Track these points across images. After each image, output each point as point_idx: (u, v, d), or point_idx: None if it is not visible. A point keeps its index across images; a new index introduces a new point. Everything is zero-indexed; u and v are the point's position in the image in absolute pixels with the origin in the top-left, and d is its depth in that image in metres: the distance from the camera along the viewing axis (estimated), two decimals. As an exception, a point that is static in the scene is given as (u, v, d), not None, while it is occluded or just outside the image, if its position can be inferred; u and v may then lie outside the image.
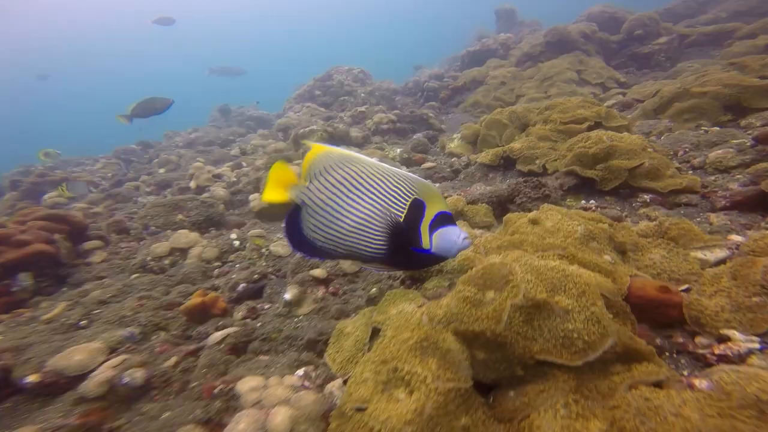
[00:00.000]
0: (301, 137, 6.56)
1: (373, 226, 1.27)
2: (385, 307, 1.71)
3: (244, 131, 10.73)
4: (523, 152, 3.13)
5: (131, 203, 5.71)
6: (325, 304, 2.41)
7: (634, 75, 6.77)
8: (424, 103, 8.92)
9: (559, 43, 7.66)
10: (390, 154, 4.93)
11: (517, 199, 2.54)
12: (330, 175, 1.30)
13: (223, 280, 2.99)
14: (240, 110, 13.00)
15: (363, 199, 1.27)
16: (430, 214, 1.28)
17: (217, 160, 7.53)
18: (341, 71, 11.19)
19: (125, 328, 2.34)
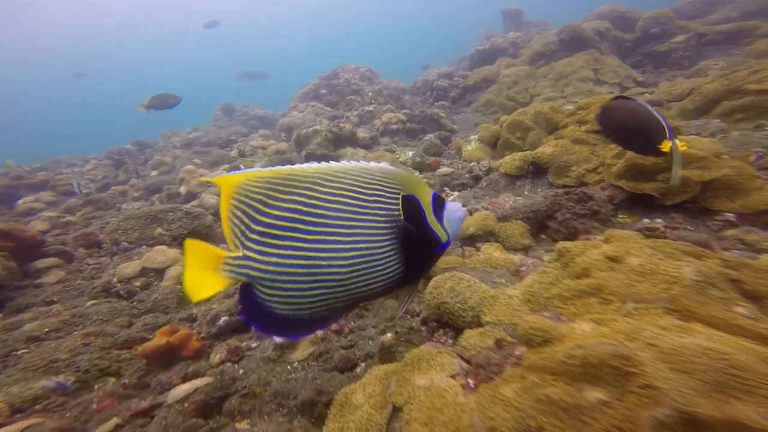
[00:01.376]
0: (304, 138, 6.07)
1: (376, 249, 0.95)
2: (408, 374, 1.19)
3: (247, 131, 10.23)
4: (555, 158, 2.62)
5: (114, 210, 5.22)
6: (326, 347, 1.89)
7: (652, 74, 6.29)
8: (434, 102, 8.48)
9: (574, 41, 7.20)
10: (401, 157, 4.43)
11: (558, 215, 2.03)
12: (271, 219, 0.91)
13: (204, 309, 2.48)
14: (244, 109, 12.53)
15: (343, 225, 0.93)
16: (428, 204, 1.04)
17: (215, 162, 7.03)
18: (348, 70, 10.76)
19: (52, 377, 1.82)
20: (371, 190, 0.97)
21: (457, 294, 1.49)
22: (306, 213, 0.91)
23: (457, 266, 1.80)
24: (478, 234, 2.13)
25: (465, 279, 1.55)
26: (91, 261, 3.22)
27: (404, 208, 1.00)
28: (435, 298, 1.56)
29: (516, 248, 1.98)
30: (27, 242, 2.84)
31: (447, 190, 3.54)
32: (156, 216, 3.47)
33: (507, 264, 1.77)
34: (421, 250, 1.03)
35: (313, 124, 6.59)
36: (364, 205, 0.95)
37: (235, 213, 0.91)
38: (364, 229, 0.94)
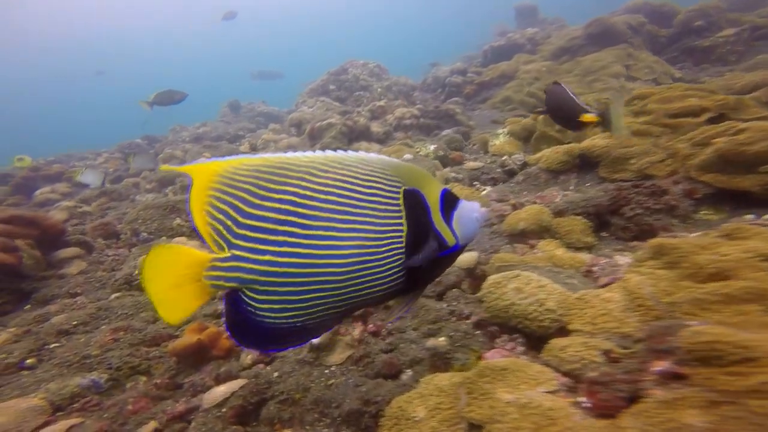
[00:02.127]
0: (318, 131, 5.94)
1: (374, 249, 0.84)
2: (486, 385, 1.05)
3: (254, 126, 10.29)
4: (609, 151, 2.45)
5: (128, 201, 5.13)
6: (365, 350, 1.75)
7: (691, 71, 6.04)
8: (446, 99, 8.31)
9: (603, 35, 6.96)
10: (422, 150, 4.27)
11: (627, 211, 1.87)
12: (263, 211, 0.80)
13: None
14: (250, 106, 12.66)
15: (340, 220, 0.82)
16: (434, 201, 0.92)
17: (224, 156, 6.95)
18: (356, 65, 10.70)
19: (87, 375, 1.70)
20: (369, 183, 0.85)
21: (527, 295, 1.34)
22: (300, 205, 0.80)
23: (515, 264, 1.64)
24: (531, 229, 1.98)
25: (534, 279, 1.41)
26: (110, 252, 3.11)
27: (406, 205, 0.88)
28: (498, 300, 1.41)
29: (577, 247, 1.83)
30: (50, 231, 2.73)
31: (478, 185, 3.38)
32: (174, 206, 3.35)
33: (574, 263, 1.62)
34: (425, 254, 0.89)
35: (326, 118, 6.46)
36: (361, 198, 0.84)
37: (217, 206, 0.79)
38: (362, 225, 0.83)
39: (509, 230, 2.07)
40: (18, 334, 2.02)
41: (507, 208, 2.44)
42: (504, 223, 2.15)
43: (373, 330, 1.85)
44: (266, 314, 0.81)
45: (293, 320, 0.83)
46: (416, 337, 1.74)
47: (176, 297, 0.79)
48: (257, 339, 0.84)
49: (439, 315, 1.80)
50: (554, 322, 1.23)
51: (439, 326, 1.72)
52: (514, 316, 1.34)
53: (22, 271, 2.46)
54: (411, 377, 1.52)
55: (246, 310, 0.82)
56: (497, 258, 1.74)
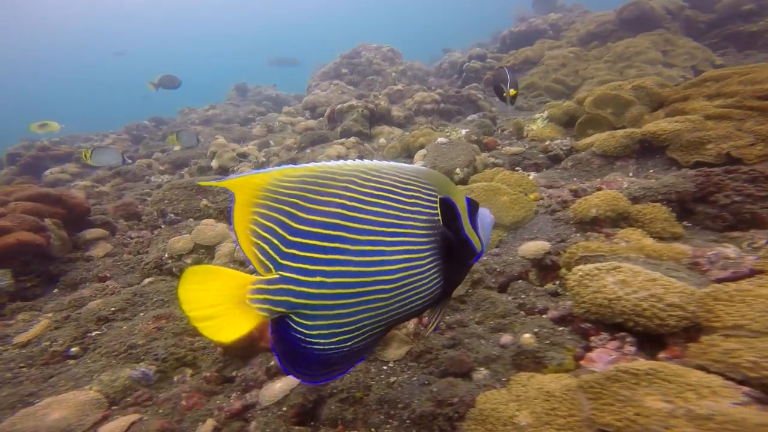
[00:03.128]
0: (338, 114, 5.73)
1: (419, 260, 0.81)
2: (625, 392, 0.90)
3: (264, 110, 10.13)
4: (681, 135, 2.26)
5: (143, 182, 4.97)
6: (426, 345, 1.61)
7: (734, 57, 5.75)
8: (463, 85, 8.05)
9: (638, 20, 6.65)
10: (453, 135, 4.07)
11: (720, 198, 1.69)
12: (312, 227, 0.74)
13: None
14: (257, 89, 12.51)
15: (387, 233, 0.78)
16: (463, 208, 0.92)
17: (238, 139, 6.80)
18: (370, 49, 10.45)
19: (136, 366, 1.58)
20: (409, 191, 0.82)
21: (637, 289, 1.19)
22: (349, 218, 0.75)
23: (603, 254, 1.49)
24: (606, 217, 1.82)
25: (641, 271, 1.25)
26: (133, 234, 2.97)
27: (442, 213, 0.86)
28: (596, 294, 1.26)
29: (663, 237, 1.66)
30: (76, 210, 2.58)
31: (519, 170, 3.20)
32: (201, 187, 3.19)
33: (673, 254, 1.46)
34: (459, 261, 0.90)
35: (345, 101, 6.26)
36: (404, 208, 0.81)
37: (263, 223, 0.72)
38: (406, 237, 0.80)
39: (578, 217, 1.91)
40: (58, 320, 1.89)
41: (564, 194, 2.27)
42: (570, 209, 1.99)
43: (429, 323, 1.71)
44: (316, 341, 0.76)
45: (342, 345, 0.77)
46: (483, 331, 1.60)
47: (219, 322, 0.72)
48: (310, 369, 0.78)
49: (507, 309, 1.65)
50: (681, 320, 1.08)
51: (509, 321, 1.58)
52: (620, 313, 1.19)
53: (50, 252, 2.32)
54: (487, 377, 1.38)
55: (295, 338, 0.75)
56: (580, 247, 1.58)
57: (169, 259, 2.50)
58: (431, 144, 3.68)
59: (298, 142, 5.37)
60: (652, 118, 2.76)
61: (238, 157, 4.94)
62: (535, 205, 2.23)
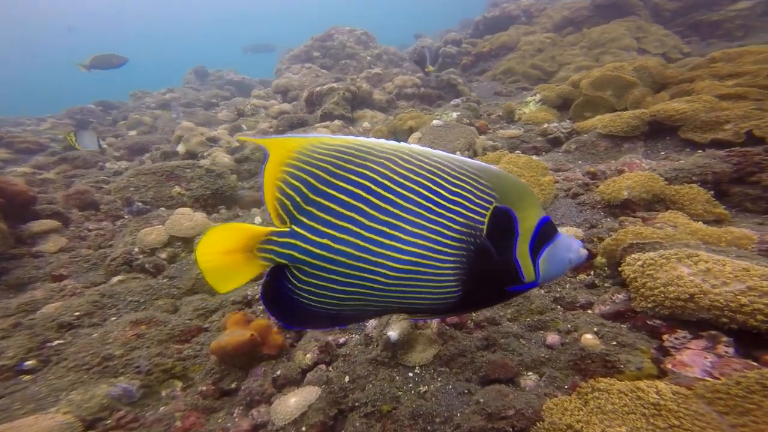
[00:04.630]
0: (318, 97, 5.35)
1: (435, 261, 0.76)
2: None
3: (229, 95, 9.50)
4: (696, 114, 2.21)
5: (96, 169, 4.36)
6: (456, 348, 1.43)
7: (698, 45, 5.98)
8: (439, 70, 7.93)
9: (612, 6, 6.76)
10: (444, 117, 3.89)
11: (764, 179, 1.63)
12: (335, 192, 0.75)
13: (257, 290, 1.94)
14: (219, 73, 11.77)
15: (410, 221, 0.75)
16: (527, 228, 0.80)
17: (203, 123, 6.22)
18: (342, 32, 10.05)
19: (114, 381, 1.27)
20: (455, 187, 0.77)
21: (728, 280, 1.06)
22: (374, 193, 0.75)
23: (659, 240, 1.37)
24: (640, 199, 1.71)
25: (724, 260, 1.13)
26: (91, 226, 2.53)
27: (491, 223, 0.78)
28: (669, 287, 1.13)
29: (705, 220, 1.58)
30: (17, 198, 2.11)
31: (519, 154, 3.09)
32: (172, 172, 2.78)
33: (733, 239, 1.37)
34: (491, 281, 0.81)
35: (325, 83, 5.88)
36: (439, 202, 0.76)
37: (290, 182, 0.75)
38: (430, 232, 0.76)
39: (608, 200, 1.79)
40: (5, 328, 1.49)
41: (580, 176, 2.17)
42: (597, 192, 1.87)
43: (456, 321, 1.53)
44: (304, 296, 0.79)
45: (328, 307, 0.80)
46: (520, 330, 1.44)
47: (227, 266, 0.77)
48: (287, 314, 0.81)
49: (543, 304, 1.51)
50: None
51: (549, 318, 1.43)
52: (708, 308, 1.06)
53: (-17, 249, 1.87)
54: (541, 384, 1.21)
55: (286, 287, 0.79)
56: (629, 232, 1.46)
57: (141, 254, 2.13)
58: (426, 127, 3.47)
59: (275, 125, 4.96)
60: (656, 99, 2.73)
61: (207, 142, 4.46)
62: (555, 189, 2.10)
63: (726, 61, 2.59)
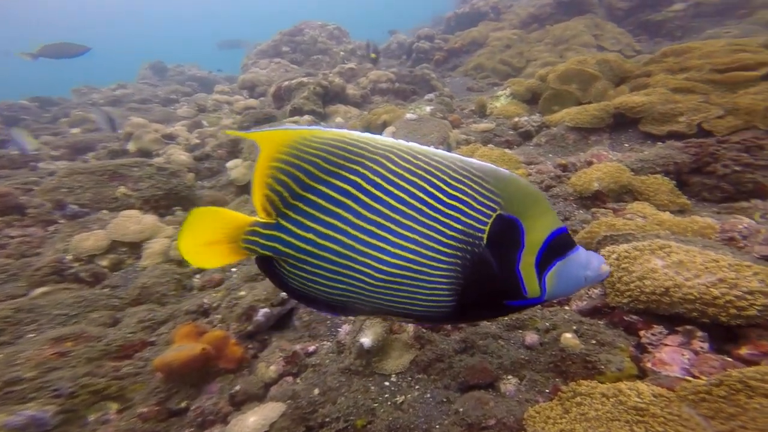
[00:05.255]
0: (286, 91, 5.11)
1: (427, 269, 0.71)
2: (754, 404, 0.71)
3: (190, 91, 8.97)
4: (653, 106, 2.24)
5: (26, 170, 3.91)
6: (433, 352, 1.33)
7: (648, 44, 6.26)
8: (413, 65, 7.92)
9: (571, 4, 6.97)
10: (418, 111, 3.80)
11: (718, 169, 1.65)
12: (324, 187, 0.72)
13: (217, 297, 1.77)
14: (179, 69, 11.08)
15: (400, 223, 0.70)
16: (536, 241, 0.72)
17: (161, 120, 5.81)
18: (313, 26, 9.80)
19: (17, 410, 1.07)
20: (455, 190, 0.71)
21: (700, 272, 1.02)
22: (364, 191, 0.71)
23: (631, 232, 1.33)
24: (609, 190, 1.69)
25: (694, 251, 1.09)
26: (14, 232, 2.22)
27: (493, 231, 0.71)
28: (645, 280, 1.08)
29: (669, 210, 1.57)
30: None
31: (492, 147, 3.06)
32: (116, 171, 2.51)
33: (698, 229, 1.35)
34: (488, 295, 0.75)
35: (295, 77, 5.65)
36: (435, 206, 0.71)
37: (278, 177, 0.73)
38: (422, 237, 0.71)
39: (579, 191, 1.76)
40: None
41: (551, 168, 2.14)
42: (569, 184, 1.84)
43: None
44: (294, 280, 0.78)
45: (315, 293, 0.78)
46: (498, 330, 1.37)
47: (208, 251, 0.75)
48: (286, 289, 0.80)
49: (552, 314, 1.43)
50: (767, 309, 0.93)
51: (527, 315, 1.37)
52: (682, 302, 1.01)
53: None
54: (522, 388, 1.14)
55: (276, 271, 0.79)
56: (603, 224, 1.41)
57: (75, 262, 1.88)
58: (399, 121, 3.37)
59: (239, 121, 4.68)
60: (617, 93, 2.77)
61: (163, 139, 4.14)
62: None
63: (675, 56, 2.66)
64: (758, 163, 1.62)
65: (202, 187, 3.12)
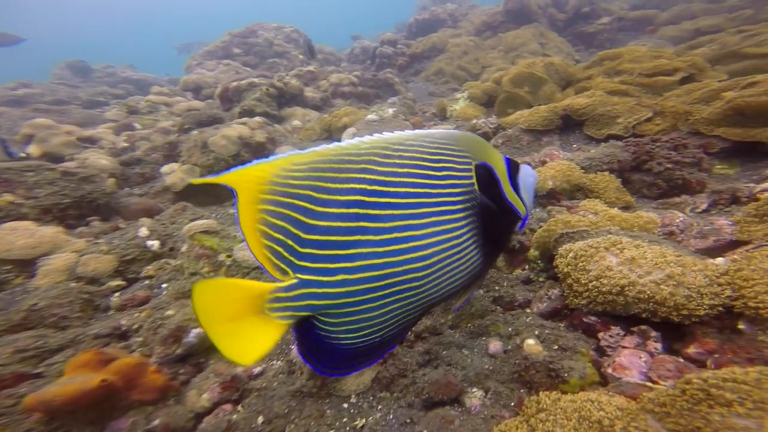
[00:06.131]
0: (235, 92, 4.80)
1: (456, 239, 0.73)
2: (715, 415, 0.64)
3: (123, 93, 8.23)
4: (595, 109, 2.30)
5: None
6: (396, 367, 1.20)
7: (584, 54, 6.68)
8: (377, 70, 7.89)
9: (519, 13, 7.29)
10: (381, 113, 3.71)
11: (654, 166, 1.68)
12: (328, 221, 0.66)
13: (140, 317, 1.53)
14: (109, 70, 10.07)
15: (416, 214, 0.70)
16: (502, 171, 0.84)
17: (82, 123, 5.19)
18: (268, 28, 9.51)
19: None
20: (439, 162, 0.75)
21: (652, 270, 0.98)
22: (370, 204, 0.67)
23: (585, 229, 1.29)
24: (562, 189, 1.66)
25: (644, 246, 1.06)
26: None
27: (479, 180, 0.79)
28: (602, 279, 1.02)
29: (617, 206, 1.56)
30: None
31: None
32: (8, 179, 2.13)
33: (643, 224, 1.33)
34: (501, 230, 0.84)
35: (245, 78, 5.34)
36: (434, 183, 0.74)
37: (273, 222, 0.64)
38: (439, 215, 0.73)
39: (536, 190, 1.72)
40: None
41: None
42: (524, 184, 1.80)
43: None
44: (342, 336, 0.70)
45: (371, 338, 0.72)
46: (462, 339, 1.27)
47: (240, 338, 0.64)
48: (334, 362, 0.72)
49: (484, 306, 1.35)
50: (713, 308, 0.89)
51: (489, 321, 1.28)
52: (636, 301, 0.96)
53: None
54: (487, 402, 1.04)
55: (320, 335, 0.70)
56: (559, 222, 1.36)
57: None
58: (361, 122, 3.25)
59: (179, 123, 4.31)
60: (564, 95, 2.84)
61: (79, 142, 3.65)
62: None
63: (610, 60, 2.79)
64: (685, 160, 1.69)
65: (130, 194, 2.78)
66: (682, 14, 6.76)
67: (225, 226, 2.27)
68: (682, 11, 6.84)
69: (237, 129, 3.20)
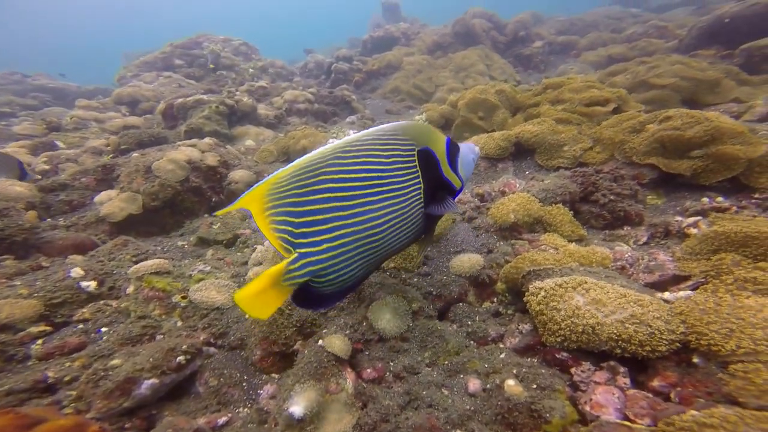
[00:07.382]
0: (181, 109, 4.48)
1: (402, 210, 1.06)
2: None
3: (38, 104, 7.35)
4: (544, 138, 2.48)
5: None
6: (377, 412, 1.15)
7: (523, 75, 7.25)
8: (332, 86, 7.86)
9: (466, 35, 7.74)
10: (341, 135, 3.67)
11: (599, 198, 1.83)
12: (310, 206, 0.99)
13: (72, 367, 1.34)
14: (14, 77, 8.96)
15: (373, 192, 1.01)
16: (441, 152, 1.13)
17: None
18: (214, 40, 9.09)
19: None
20: (388, 152, 1.02)
21: (615, 310, 1.05)
22: (337, 189, 0.98)
23: (550, 267, 1.35)
24: (523, 222, 1.75)
25: (607, 287, 1.14)
26: None
27: (420, 163, 1.06)
28: (575, 319, 1.08)
29: (571, 239, 1.67)
30: None
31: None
32: None
33: (600, 259, 1.43)
34: (442, 199, 1.12)
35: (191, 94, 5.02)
36: (383, 168, 1.01)
37: (276, 220, 0.97)
38: (389, 193, 1.02)
39: (498, 224, 1.79)
40: None
41: (473, 199, 2.18)
42: (489, 215, 1.86)
43: (374, 376, 1.26)
44: (328, 286, 1.04)
45: (347, 282, 1.06)
46: (440, 377, 1.26)
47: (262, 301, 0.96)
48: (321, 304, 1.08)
49: (459, 342, 1.36)
50: (672, 344, 0.98)
51: (466, 357, 1.29)
52: (606, 340, 1.02)
53: None
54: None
55: (312, 289, 1.04)
56: (526, 259, 1.42)
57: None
58: (321, 145, 3.17)
59: (114, 143, 3.90)
60: (514, 122, 3.03)
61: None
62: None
63: (553, 89, 3.05)
64: (624, 192, 1.86)
65: (54, 227, 2.44)
66: (596, 41, 7.66)
67: (176, 261, 2.07)
68: (595, 39, 7.77)
69: (185, 152, 2.96)
